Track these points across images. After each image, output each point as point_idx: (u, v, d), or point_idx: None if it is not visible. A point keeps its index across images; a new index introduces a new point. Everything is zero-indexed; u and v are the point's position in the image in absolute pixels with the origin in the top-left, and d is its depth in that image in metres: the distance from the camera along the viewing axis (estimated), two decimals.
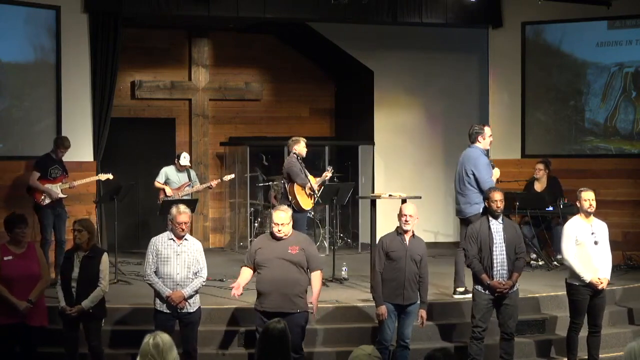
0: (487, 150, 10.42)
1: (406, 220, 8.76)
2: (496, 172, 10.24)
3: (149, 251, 8.46)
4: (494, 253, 8.80)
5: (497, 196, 8.89)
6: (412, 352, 8.92)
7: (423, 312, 8.82)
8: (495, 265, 8.80)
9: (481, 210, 9.88)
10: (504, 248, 8.81)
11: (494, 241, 8.82)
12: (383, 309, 8.69)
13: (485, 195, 9.13)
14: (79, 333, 8.49)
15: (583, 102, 13.49)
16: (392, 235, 8.91)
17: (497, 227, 8.87)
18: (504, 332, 8.97)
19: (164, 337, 5.39)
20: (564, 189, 12.79)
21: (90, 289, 8.33)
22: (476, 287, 8.91)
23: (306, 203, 11.51)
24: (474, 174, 10.02)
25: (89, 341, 8.44)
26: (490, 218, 8.91)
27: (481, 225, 8.94)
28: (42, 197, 11.15)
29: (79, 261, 8.37)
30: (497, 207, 8.87)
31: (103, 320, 8.66)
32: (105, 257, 8.49)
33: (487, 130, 10.31)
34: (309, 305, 8.42)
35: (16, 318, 8.16)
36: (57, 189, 11.23)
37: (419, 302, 8.81)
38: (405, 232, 8.78)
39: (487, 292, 8.84)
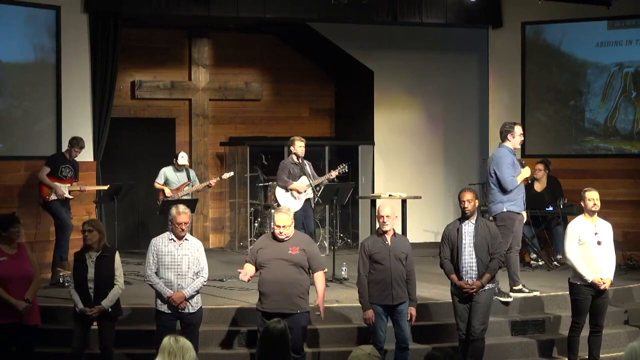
0: (515, 150, 10.34)
1: (384, 222, 8.70)
2: (525, 172, 10.20)
3: (149, 252, 8.44)
4: (463, 254, 8.74)
5: (465, 196, 8.77)
6: (412, 352, 8.92)
7: (412, 310, 8.77)
8: (464, 266, 8.74)
9: (504, 209, 9.97)
10: (473, 249, 8.71)
11: (463, 242, 8.73)
12: (369, 313, 8.66)
13: (458, 196, 9.08)
14: (89, 333, 8.49)
15: (583, 102, 13.49)
16: (373, 237, 8.91)
17: (468, 228, 8.78)
18: (469, 332, 8.79)
19: (183, 338, 5.62)
20: (564, 189, 12.80)
21: (107, 289, 8.34)
22: (452, 289, 8.89)
23: (288, 206, 11.57)
24: (496, 174, 10.04)
25: (102, 340, 8.44)
26: (463, 219, 8.84)
27: (453, 226, 8.89)
28: (49, 191, 11.18)
29: (92, 262, 8.36)
30: (464, 207, 8.77)
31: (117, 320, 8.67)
32: (118, 256, 8.52)
33: (517, 128, 10.19)
34: (314, 307, 8.44)
35: (13, 318, 8.15)
36: (64, 189, 11.27)
37: (408, 301, 8.78)
38: (386, 232, 8.75)
39: (459, 292, 8.80)
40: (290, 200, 11.62)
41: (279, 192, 11.65)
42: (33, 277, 8.32)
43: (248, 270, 8.42)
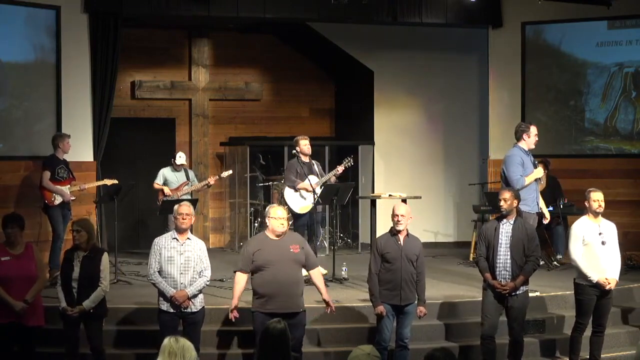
0: (530, 150, 10.37)
1: (398, 221, 8.73)
2: (537, 172, 10.23)
3: (152, 251, 8.46)
4: (498, 253, 8.76)
5: (503, 195, 8.82)
6: (412, 352, 8.92)
7: (422, 308, 8.82)
8: (497, 265, 8.76)
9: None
10: (509, 249, 8.73)
11: (499, 242, 8.76)
12: (381, 308, 8.68)
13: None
14: (79, 333, 8.49)
15: (583, 102, 13.49)
16: (386, 236, 8.90)
17: (506, 227, 8.80)
18: (510, 335, 8.95)
19: (183, 338, 5.63)
20: (564, 189, 12.79)
21: (91, 289, 8.32)
22: (484, 285, 8.92)
23: (296, 206, 11.54)
24: (504, 172, 10.14)
25: (90, 341, 8.44)
26: (500, 218, 8.88)
27: (491, 225, 8.94)
28: (53, 197, 11.17)
29: (78, 261, 8.37)
30: (500, 205, 8.83)
31: (104, 320, 8.67)
32: (105, 257, 8.49)
33: (532, 129, 10.27)
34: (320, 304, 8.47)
35: (11, 317, 8.15)
36: (67, 191, 11.26)
37: (416, 302, 8.80)
38: (399, 232, 8.76)
39: (490, 290, 8.84)
40: (299, 199, 11.57)
41: (287, 193, 11.61)
42: (37, 278, 8.32)
43: (237, 292, 8.33)
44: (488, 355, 8.86)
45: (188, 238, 8.49)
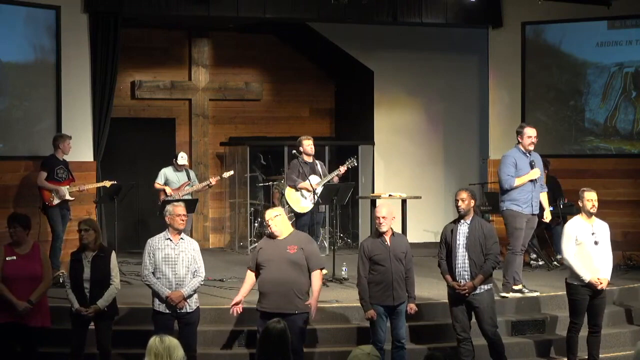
0: (529, 151, 10.37)
1: (380, 223, 8.71)
2: (533, 173, 10.22)
3: (145, 252, 8.47)
4: (456, 254, 8.71)
5: (460, 195, 8.76)
6: (410, 352, 8.92)
7: (412, 305, 8.81)
8: (457, 266, 8.73)
9: (504, 208, 10.14)
10: (466, 250, 8.69)
11: (457, 242, 8.71)
12: (371, 312, 8.67)
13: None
14: (87, 333, 8.49)
15: (583, 102, 13.49)
16: (372, 238, 8.90)
17: (462, 228, 8.75)
18: (483, 336, 8.88)
19: (169, 337, 5.56)
20: (564, 189, 12.79)
21: (103, 289, 8.34)
22: (448, 290, 8.90)
23: (296, 205, 11.55)
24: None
25: (99, 340, 8.45)
26: (459, 219, 8.83)
27: (449, 226, 8.89)
28: (52, 197, 11.17)
29: (88, 262, 8.36)
30: (458, 206, 8.77)
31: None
32: (114, 255, 8.54)
33: (527, 130, 10.29)
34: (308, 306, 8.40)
35: (14, 317, 8.15)
36: (65, 190, 11.26)
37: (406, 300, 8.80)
38: (384, 233, 8.75)
39: (452, 295, 8.82)
40: (301, 199, 11.59)
41: (289, 192, 11.63)
42: (42, 278, 8.31)
43: (244, 289, 8.49)
44: (467, 355, 8.82)
45: (181, 238, 8.50)
